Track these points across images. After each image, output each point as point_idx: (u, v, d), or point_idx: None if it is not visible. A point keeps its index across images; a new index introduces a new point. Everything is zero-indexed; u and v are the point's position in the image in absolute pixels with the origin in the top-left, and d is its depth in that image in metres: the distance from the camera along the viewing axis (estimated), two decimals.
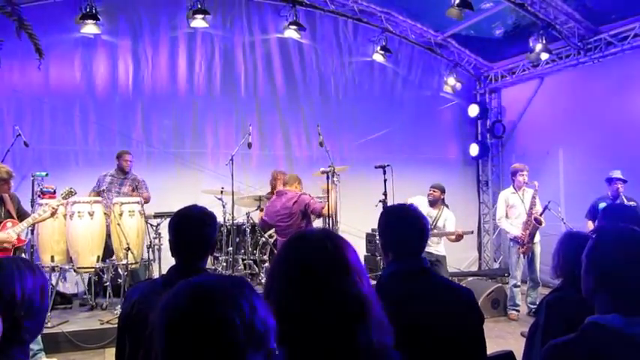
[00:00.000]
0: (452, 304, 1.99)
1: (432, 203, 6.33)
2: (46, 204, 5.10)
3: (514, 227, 6.54)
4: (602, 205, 6.23)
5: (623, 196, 6.05)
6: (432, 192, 6.36)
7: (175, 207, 2.40)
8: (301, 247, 1.41)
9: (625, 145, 7.10)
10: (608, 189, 6.22)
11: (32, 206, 5.53)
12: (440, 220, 6.31)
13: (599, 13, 7.37)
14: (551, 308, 2.25)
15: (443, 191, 6.37)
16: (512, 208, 6.62)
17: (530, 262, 6.53)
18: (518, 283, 6.59)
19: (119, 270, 5.88)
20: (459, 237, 6.18)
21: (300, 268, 1.35)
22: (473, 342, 1.99)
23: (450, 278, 8.08)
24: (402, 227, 2.06)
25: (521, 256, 6.51)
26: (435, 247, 6.27)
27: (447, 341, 1.89)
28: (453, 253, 7.01)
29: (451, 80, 9.33)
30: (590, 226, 6.32)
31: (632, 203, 5.97)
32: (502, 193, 6.93)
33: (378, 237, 2.22)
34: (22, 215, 4.99)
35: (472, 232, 6.66)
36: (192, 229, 2.21)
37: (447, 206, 6.45)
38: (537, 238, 6.47)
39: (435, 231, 6.23)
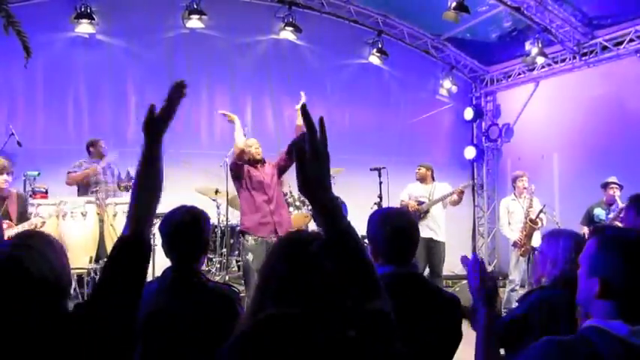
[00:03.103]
0: (439, 312, 1.98)
1: (422, 180, 6.53)
2: (39, 215, 5.07)
3: (514, 232, 6.56)
4: (597, 210, 6.24)
5: (619, 200, 6.05)
6: (417, 170, 6.59)
7: (169, 207, 2.38)
8: (297, 247, 1.37)
9: (620, 149, 7.11)
10: (604, 194, 6.21)
11: None
12: (436, 193, 6.44)
13: (594, 18, 7.40)
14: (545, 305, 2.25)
15: (428, 168, 6.59)
16: (513, 215, 6.63)
17: (528, 266, 6.53)
18: (516, 287, 6.57)
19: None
20: (460, 194, 6.31)
21: (294, 270, 1.31)
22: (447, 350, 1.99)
23: (445, 281, 8.10)
24: (393, 232, 2.03)
25: (520, 259, 6.51)
26: (436, 231, 6.32)
27: (427, 348, 1.89)
28: (448, 255, 6.99)
29: (447, 83, 9.34)
30: (585, 232, 6.31)
31: None
32: (503, 201, 6.93)
33: (367, 241, 2.17)
34: (22, 218, 4.93)
35: (469, 184, 6.90)
36: (184, 230, 2.20)
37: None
38: (537, 242, 6.44)
39: (435, 198, 6.37)
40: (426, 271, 6.33)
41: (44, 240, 1.53)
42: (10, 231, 4.76)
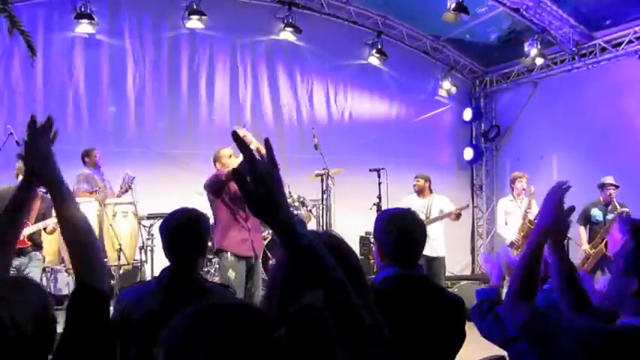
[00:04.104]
0: (442, 313, 2.00)
1: (419, 193, 6.40)
2: (54, 216, 5.08)
3: (511, 233, 6.56)
4: (594, 211, 6.26)
5: (615, 201, 6.08)
6: (415, 182, 6.45)
7: (168, 208, 2.39)
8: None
9: (619, 150, 7.13)
10: (601, 194, 6.23)
11: None
12: (434, 207, 6.32)
13: (593, 19, 7.42)
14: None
15: (426, 179, 6.43)
16: (510, 215, 6.63)
17: None
18: None
19: (111, 271, 5.84)
20: (458, 215, 6.24)
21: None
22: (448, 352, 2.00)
23: (445, 281, 8.10)
24: (398, 233, 2.02)
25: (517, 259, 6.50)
26: (434, 249, 6.25)
27: (430, 348, 1.92)
28: (447, 256, 7.03)
29: (446, 84, 9.35)
30: (582, 231, 6.33)
31: (625, 209, 5.99)
32: (501, 202, 6.93)
33: (373, 240, 2.18)
34: (41, 220, 4.93)
35: (467, 206, 6.87)
36: (185, 231, 2.22)
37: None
38: None
39: (432, 217, 6.26)
40: None
41: (36, 293, 1.40)
42: (27, 229, 4.77)
